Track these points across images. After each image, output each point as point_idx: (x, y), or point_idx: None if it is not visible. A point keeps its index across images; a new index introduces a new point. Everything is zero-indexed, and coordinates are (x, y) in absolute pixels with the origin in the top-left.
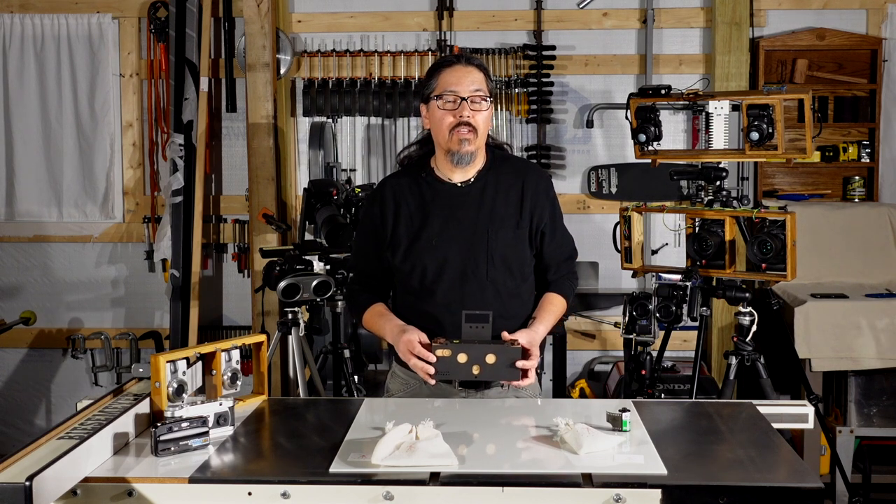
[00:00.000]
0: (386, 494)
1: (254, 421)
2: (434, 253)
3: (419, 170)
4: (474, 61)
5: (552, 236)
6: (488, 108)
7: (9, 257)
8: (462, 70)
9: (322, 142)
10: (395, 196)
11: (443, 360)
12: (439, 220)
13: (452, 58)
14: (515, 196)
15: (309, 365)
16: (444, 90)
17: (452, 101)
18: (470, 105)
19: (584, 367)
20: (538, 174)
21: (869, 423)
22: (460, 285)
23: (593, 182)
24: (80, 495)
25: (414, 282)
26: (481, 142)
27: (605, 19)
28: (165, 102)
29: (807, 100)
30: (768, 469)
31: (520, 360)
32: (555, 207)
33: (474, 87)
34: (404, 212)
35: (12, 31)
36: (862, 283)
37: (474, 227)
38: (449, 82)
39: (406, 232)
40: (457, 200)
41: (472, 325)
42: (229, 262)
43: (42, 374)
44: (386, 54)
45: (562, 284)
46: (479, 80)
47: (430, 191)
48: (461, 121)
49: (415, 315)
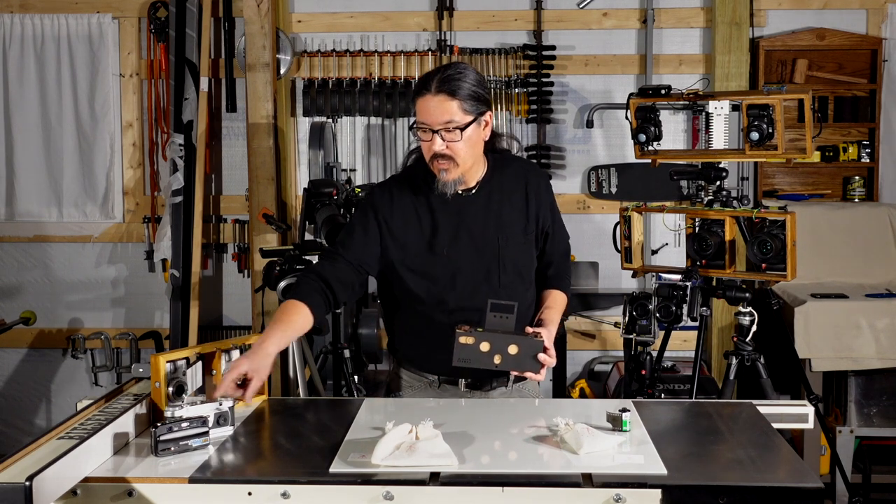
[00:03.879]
0: (386, 494)
1: (254, 421)
2: (446, 262)
3: (423, 175)
4: (445, 87)
5: (553, 235)
6: (465, 135)
7: (9, 257)
8: (430, 101)
9: (322, 142)
10: (400, 203)
11: (465, 348)
12: (448, 229)
13: (425, 84)
14: (520, 201)
15: (309, 365)
16: (418, 121)
17: (425, 133)
18: (443, 136)
19: (584, 367)
20: (538, 175)
21: (869, 423)
22: (473, 293)
23: (593, 182)
24: (80, 495)
25: (426, 291)
26: (466, 167)
27: (605, 19)
28: (165, 102)
29: (807, 100)
30: (768, 469)
31: (541, 354)
32: (554, 206)
33: (444, 119)
34: (410, 220)
35: (12, 31)
36: (862, 283)
37: (484, 234)
38: (420, 113)
39: (414, 241)
40: (464, 209)
41: (496, 315)
42: (229, 262)
43: (42, 374)
44: (386, 54)
45: (562, 280)
46: (450, 109)
47: (437, 199)
48: (435, 153)
49: (428, 324)
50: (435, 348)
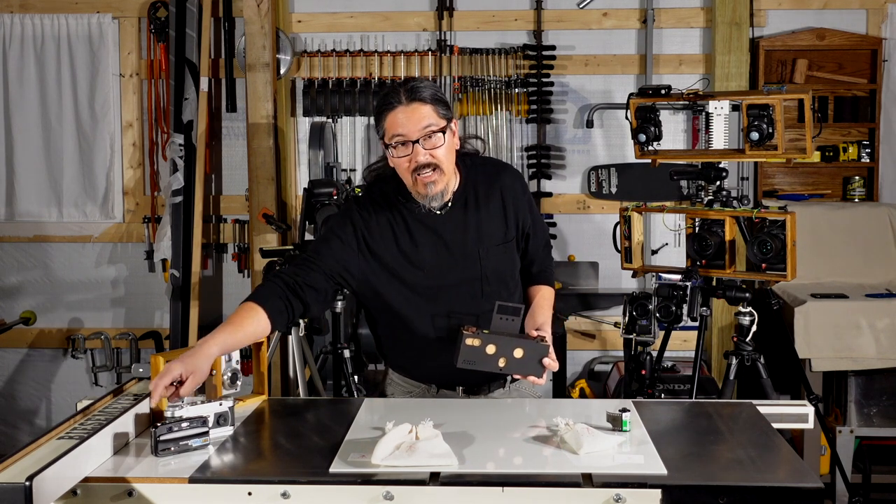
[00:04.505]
0: (386, 494)
1: (254, 421)
2: (428, 278)
3: (396, 194)
4: (418, 95)
5: (534, 233)
6: (445, 140)
7: (9, 257)
8: (405, 111)
9: (322, 142)
10: (375, 223)
11: (471, 350)
12: (427, 245)
13: (392, 97)
14: (496, 206)
15: (309, 365)
16: (392, 136)
17: (404, 146)
18: (424, 145)
19: (584, 367)
20: (512, 176)
21: (869, 423)
22: (459, 307)
23: (593, 182)
24: (80, 495)
25: (411, 311)
26: (449, 173)
27: (605, 19)
28: (165, 102)
29: (807, 100)
30: (768, 469)
31: (546, 358)
32: (532, 204)
33: (423, 125)
34: (389, 235)
35: (12, 31)
36: (862, 283)
37: (464, 249)
38: (395, 126)
39: (395, 262)
40: (442, 224)
41: (502, 317)
42: (229, 262)
43: (42, 374)
44: (386, 54)
45: (546, 273)
46: (426, 114)
47: (412, 218)
48: (419, 164)
49: (410, 336)
50: (424, 358)
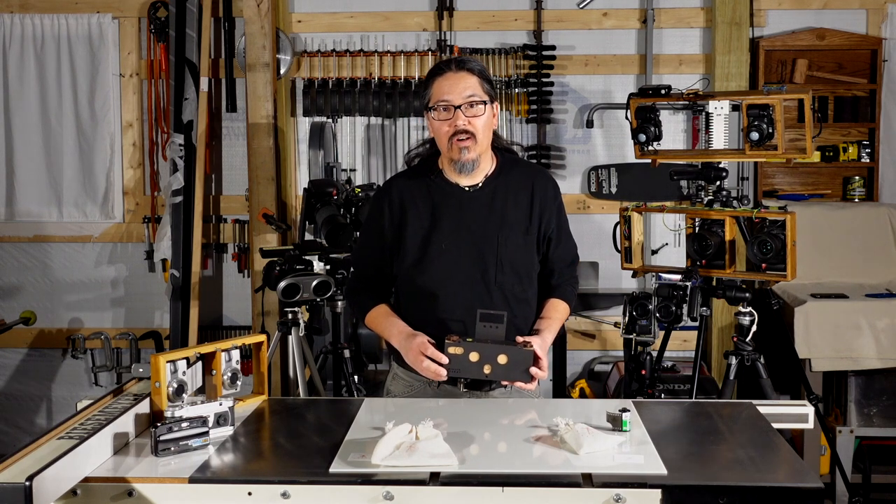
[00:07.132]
0: (386, 494)
1: (254, 421)
2: (443, 257)
3: (428, 171)
4: (467, 65)
5: (558, 242)
6: (485, 113)
7: (9, 257)
8: (453, 77)
9: (322, 142)
10: (402, 197)
11: (454, 358)
12: (449, 224)
13: (443, 64)
14: (525, 201)
15: (309, 365)
16: (437, 100)
17: (446, 111)
18: (465, 112)
19: (584, 367)
20: (547, 179)
21: (869, 423)
22: (468, 290)
23: (593, 182)
24: (80, 495)
25: (420, 285)
26: (483, 146)
27: (605, 19)
28: (165, 102)
29: (807, 100)
30: (768, 469)
31: (532, 367)
32: (561, 213)
33: (467, 94)
34: (412, 214)
35: (12, 31)
36: (862, 283)
37: (484, 231)
38: (441, 91)
39: (414, 235)
40: (466, 205)
41: (486, 325)
42: (229, 262)
43: (42, 374)
44: (386, 54)
45: (565, 290)
46: (472, 84)
47: (439, 193)
48: (458, 129)
49: (420, 318)
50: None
